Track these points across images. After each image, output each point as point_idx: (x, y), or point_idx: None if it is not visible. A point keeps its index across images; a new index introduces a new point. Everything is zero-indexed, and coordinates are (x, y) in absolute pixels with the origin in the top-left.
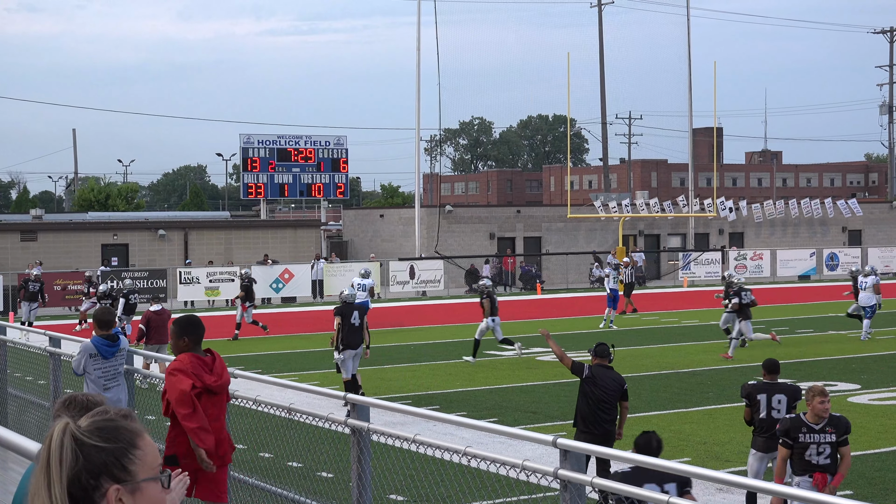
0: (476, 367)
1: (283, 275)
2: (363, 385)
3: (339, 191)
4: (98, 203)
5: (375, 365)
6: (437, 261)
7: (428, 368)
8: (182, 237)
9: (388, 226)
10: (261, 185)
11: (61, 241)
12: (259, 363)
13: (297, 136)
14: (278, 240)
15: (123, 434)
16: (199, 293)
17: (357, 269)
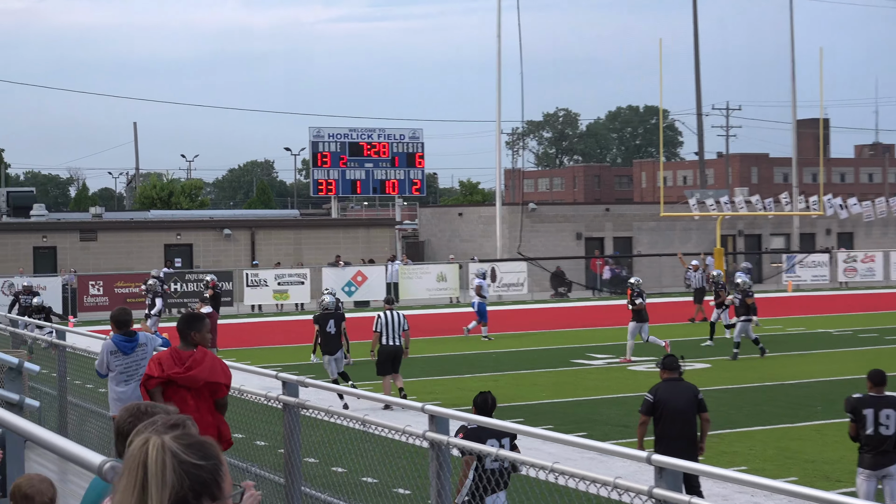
0: (563, 377)
1: (356, 277)
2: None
3: (415, 187)
4: (160, 201)
5: (455, 374)
6: (519, 262)
7: (511, 378)
8: (248, 237)
9: (468, 225)
10: (331, 182)
11: (122, 241)
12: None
13: (370, 130)
14: (350, 240)
15: (211, 449)
16: (266, 296)
17: (434, 270)
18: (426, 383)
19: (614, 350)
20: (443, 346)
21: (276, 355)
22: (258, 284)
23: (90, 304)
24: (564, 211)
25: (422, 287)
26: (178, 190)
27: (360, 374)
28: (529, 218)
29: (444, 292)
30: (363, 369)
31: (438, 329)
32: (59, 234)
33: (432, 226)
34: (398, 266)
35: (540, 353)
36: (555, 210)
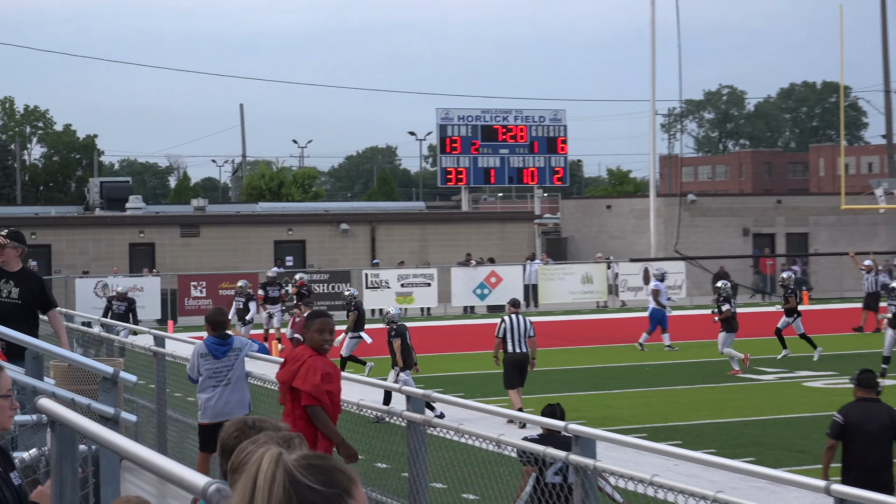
0: (726, 394)
1: (489, 278)
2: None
3: (557, 176)
4: (269, 192)
5: (601, 389)
6: (677, 262)
7: (666, 395)
8: (368, 232)
9: (617, 219)
10: (462, 170)
11: (227, 237)
12: (461, 384)
13: (506, 111)
14: (483, 236)
15: (340, 479)
16: (388, 299)
17: (578, 271)
18: (569, 399)
19: (787, 363)
20: (588, 357)
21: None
22: (379, 286)
23: (191, 308)
24: (729, 203)
25: (564, 289)
26: (289, 180)
27: (475, 388)
28: (688, 211)
29: (589, 296)
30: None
31: (583, 337)
32: (157, 228)
33: (576, 220)
34: (537, 266)
35: (699, 366)
36: (718, 202)
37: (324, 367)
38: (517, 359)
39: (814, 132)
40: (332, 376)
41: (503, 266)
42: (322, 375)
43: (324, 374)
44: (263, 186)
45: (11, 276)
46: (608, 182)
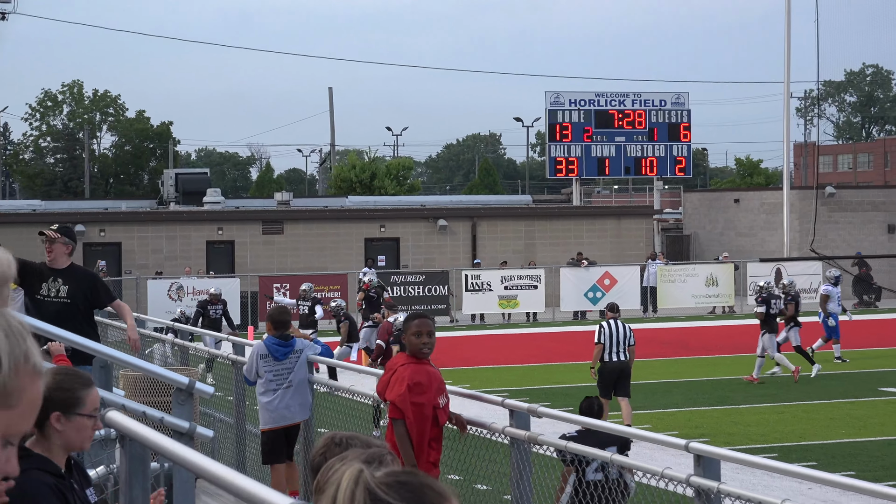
0: (869, 410)
1: (603, 280)
2: (680, 428)
3: (679, 167)
4: (360, 184)
5: (727, 404)
6: (813, 262)
7: (799, 410)
8: (469, 229)
9: (746, 215)
10: (573, 160)
11: (314, 234)
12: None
13: (622, 95)
14: (596, 233)
15: (431, 497)
16: (490, 304)
17: (703, 272)
18: (691, 415)
19: None
20: (713, 368)
21: (501, 377)
22: (480, 288)
23: None
24: (873, 196)
25: (686, 293)
26: (382, 171)
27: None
28: (826, 205)
29: (714, 300)
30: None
31: (708, 346)
32: (237, 225)
33: (700, 215)
34: (657, 266)
35: (838, 379)
36: (860, 195)
37: (413, 377)
38: (617, 368)
39: None
40: (425, 386)
41: (619, 266)
42: (410, 385)
43: (413, 383)
44: (354, 178)
45: (60, 274)
46: (736, 173)
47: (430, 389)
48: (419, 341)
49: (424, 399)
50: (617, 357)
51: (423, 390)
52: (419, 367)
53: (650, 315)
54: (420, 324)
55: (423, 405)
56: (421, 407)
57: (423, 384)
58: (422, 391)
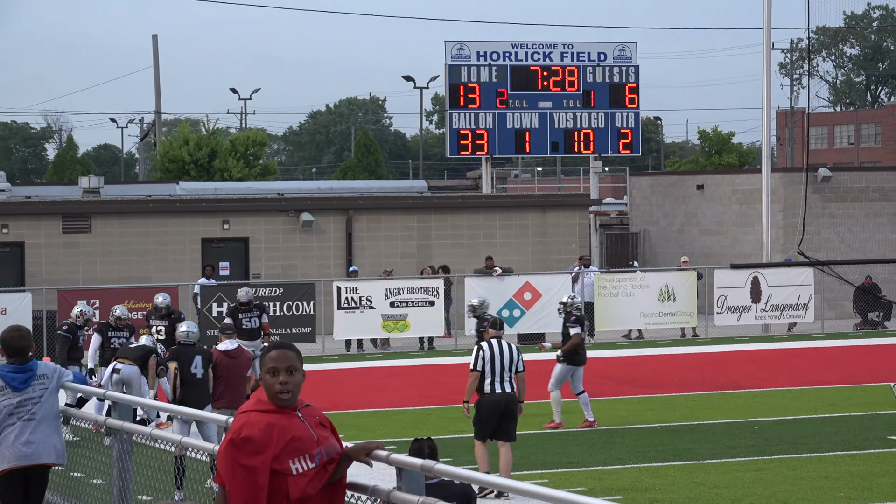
0: (868, 465)
1: (522, 294)
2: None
3: (624, 142)
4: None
5: (688, 459)
6: (801, 270)
7: (784, 466)
8: (342, 226)
9: (713, 206)
10: (482, 134)
11: (132, 233)
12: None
13: (549, 45)
14: (513, 231)
15: None
16: (371, 326)
17: (655, 283)
18: (639, 473)
19: None
20: (670, 411)
21: (386, 424)
22: (357, 305)
23: None
24: (880, 180)
25: (633, 310)
26: (225, 148)
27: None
28: (819, 193)
29: (671, 319)
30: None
31: (663, 382)
32: (27, 221)
33: (651, 207)
34: (594, 275)
35: (833, 425)
36: (863, 179)
37: (243, 429)
38: (498, 402)
39: None
40: (259, 444)
41: (543, 276)
42: (235, 441)
43: (240, 438)
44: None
45: None
46: (700, 150)
47: (269, 449)
48: (274, 381)
49: (256, 462)
50: (501, 388)
51: (255, 450)
52: (262, 417)
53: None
54: (276, 357)
55: (253, 470)
56: (250, 472)
57: (257, 442)
58: (254, 451)
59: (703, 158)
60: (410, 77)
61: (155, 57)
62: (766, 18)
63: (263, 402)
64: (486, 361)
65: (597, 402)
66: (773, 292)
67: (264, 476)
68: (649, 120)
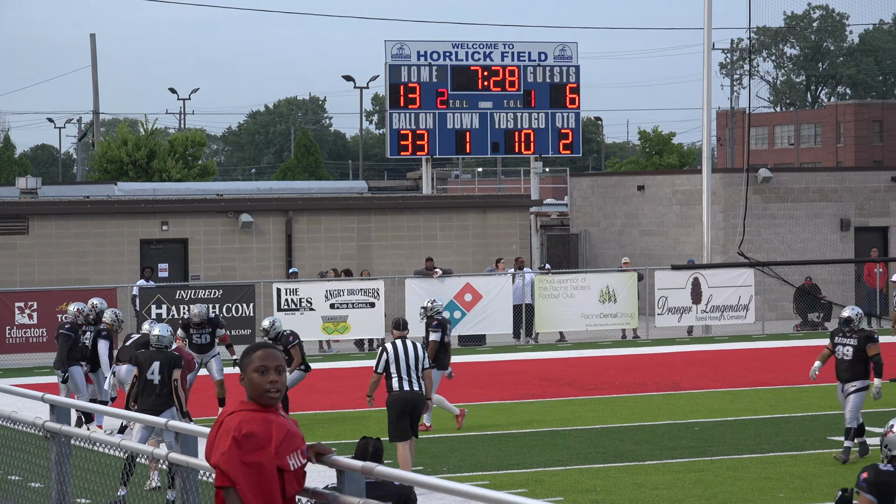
0: (817, 468)
1: (463, 295)
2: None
3: (565, 143)
4: (135, 166)
5: (629, 460)
6: (741, 270)
7: (724, 467)
8: (282, 227)
9: (654, 206)
10: (422, 134)
11: (71, 235)
12: (426, 454)
13: (489, 45)
14: (454, 232)
15: None
16: (312, 327)
17: (595, 284)
18: (580, 475)
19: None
20: (611, 413)
21: (328, 428)
22: (297, 307)
23: (16, 341)
24: (820, 181)
25: (574, 312)
26: (164, 148)
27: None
28: (759, 194)
29: (611, 321)
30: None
31: (604, 383)
32: None
33: (593, 208)
34: (533, 276)
35: (773, 426)
36: (804, 180)
37: (243, 426)
38: (408, 399)
39: None
40: (261, 439)
41: (483, 277)
42: (237, 438)
43: (242, 435)
44: (125, 158)
45: None
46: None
47: (271, 443)
48: (264, 380)
49: (262, 457)
50: (409, 386)
51: (259, 444)
52: (256, 414)
53: (523, 342)
54: (265, 356)
55: (260, 465)
56: (258, 468)
57: (259, 436)
58: (257, 446)
59: (643, 159)
60: (350, 77)
61: (93, 56)
62: (706, 19)
63: (246, 403)
64: (390, 362)
65: (538, 404)
66: (713, 293)
67: (273, 470)
68: (590, 120)
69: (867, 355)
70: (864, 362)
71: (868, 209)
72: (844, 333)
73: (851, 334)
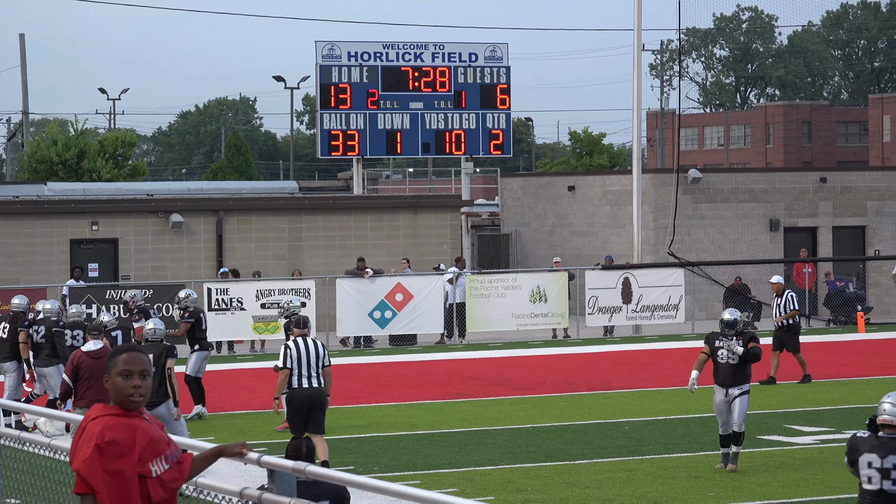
0: (748, 463)
1: (394, 295)
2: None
3: (495, 143)
4: (64, 166)
5: (559, 459)
6: (671, 270)
7: (655, 465)
8: (213, 227)
9: (584, 207)
10: (353, 134)
11: (0, 235)
12: (355, 453)
13: (420, 46)
14: (385, 232)
15: None
16: (242, 327)
17: (526, 284)
18: (511, 474)
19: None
20: (542, 412)
21: (257, 426)
22: (228, 307)
23: None
24: (750, 181)
25: (504, 312)
26: (94, 148)
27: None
28: (689, 194)
29: (541, 321)
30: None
31: (534, 382)
32: None
33: (523, 208)
34: (465, 276)
35: (703, 425)
36: (733, 180)
37: (106, 433)
38: (308, 396)
39: (875, 77)
40: (124, 446)
41: (414, 277)
42: (100, 445)
43: (104, 442)
44: (55, 158)
45: None
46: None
47: (134, 450)
48: (127, 384)
49: (123, 465)
50: (308, 383)
51: (121, 452)
52: (120, 419)
53: (456, 342)
54: (129, 360)
55: (122, 473)
56: (119, 476)
57: (122, 443)
58: (120, 453)
59: (574, 160)
60: (281, 77)
61: (22, 56)
62: (636, 19)
63: (109, 407)
64: (293, 359)
65: (469, 404)
66: (644, 293)
67: (134, 478)
68: (520, 121)
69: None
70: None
71: (797, 210)
72: (727, 336)
73: (735, 337)
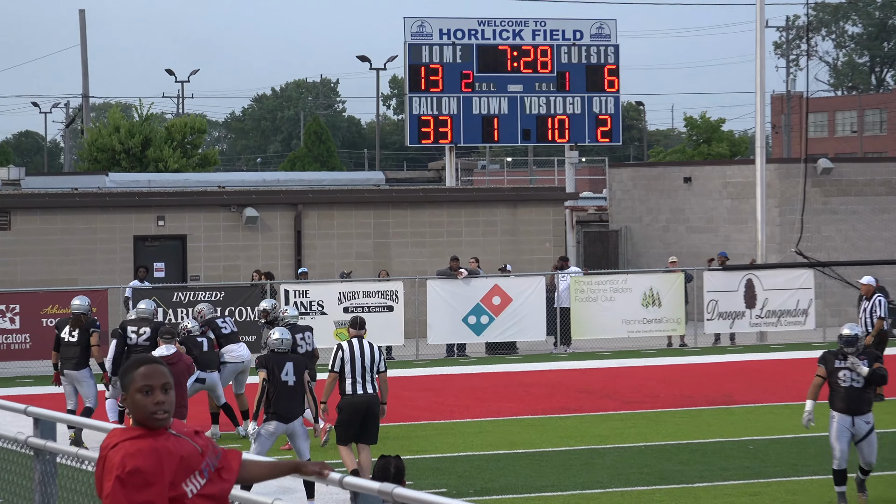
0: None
1: (491, 298)
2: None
3: (603, 130)
4: (128, 155)
5: (674, 482)
6: (799, 271)
7: (782, 489)
8: (290, 223)
9: (702, 200)
10: (445, 120)
11: (57, 230)
12: (448, 474)
13: (519, 22)
14: (480, 228)
15: None
16: (323, 333)
17: (638, 286)
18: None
19: None
20: (657, 429)
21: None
22: (308, 311)
23: None
24: (886, 172)
25: (613, 317)
26: (160, 135)
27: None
28: (819, 186)
29: (655, 327)
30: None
31: (647, 396)
32: None
33: (634, 202)
34: (570, 278)
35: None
36: (868, 171)
37: (127, 461)
38: (361, 403)
39: None
40: (150, 475)
41: (514, 278)
42: (121, 477)
43: (126, 473)
44: (118, 146)
45: None
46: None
47: (163, 477)
48: (149, 401)
49: (151, 495)
50: (363, 389)
51: (146, 481)
52: (143, 443)
53: (561, 351)
54: (148, 373)
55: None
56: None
57: (147, 471)
58: (145, 483)
59: (690, 148)
60: (366, 57)
61: (82, 35)
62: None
63: (131, 429)
64: (345, 362)
65: (574, 419)
66: (769, 296)
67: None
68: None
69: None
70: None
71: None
72: (847, 356)
73: (859, 356)
